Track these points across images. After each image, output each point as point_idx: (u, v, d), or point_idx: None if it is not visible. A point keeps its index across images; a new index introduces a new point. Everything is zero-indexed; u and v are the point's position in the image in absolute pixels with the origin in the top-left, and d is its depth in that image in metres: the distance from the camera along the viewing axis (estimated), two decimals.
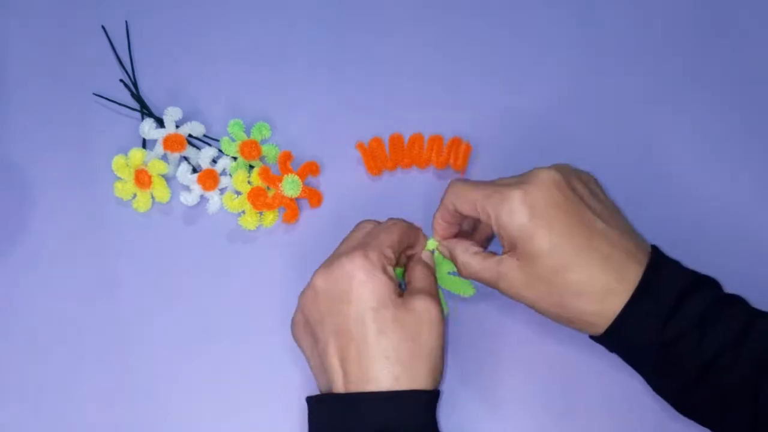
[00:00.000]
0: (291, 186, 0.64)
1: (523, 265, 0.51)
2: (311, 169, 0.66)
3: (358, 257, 0.51)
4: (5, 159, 0.68)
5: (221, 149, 0.66)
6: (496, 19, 0.72)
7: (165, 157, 0.66)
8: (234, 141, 0.66)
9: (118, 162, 0.65)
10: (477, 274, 0.55)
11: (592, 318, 0.51)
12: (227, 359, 0.62)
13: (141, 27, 0.72)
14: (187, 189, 0.66)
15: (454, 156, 0.66)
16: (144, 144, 0.67)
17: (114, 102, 0.69)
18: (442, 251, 0.59)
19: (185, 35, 0.72)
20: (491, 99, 0.69)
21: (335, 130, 0.68)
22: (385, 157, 0.67)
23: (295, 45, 0.71)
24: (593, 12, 0.72)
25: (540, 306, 0.53)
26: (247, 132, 0.67)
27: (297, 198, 0.65)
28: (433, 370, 0.51)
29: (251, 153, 0.65)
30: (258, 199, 0.64)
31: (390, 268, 0.52)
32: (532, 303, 0.53)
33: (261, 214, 0.65)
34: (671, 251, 0.55)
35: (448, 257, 0.58)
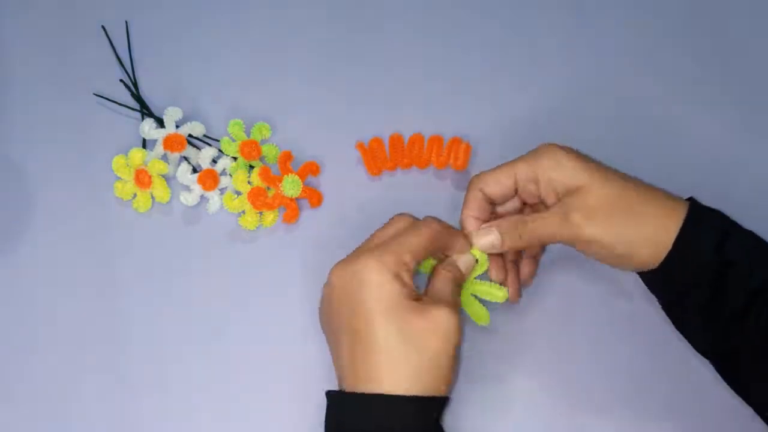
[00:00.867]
0: (291, 186, 0.64)
1: (582, 194, 0.53)
2: (311, 169, 0.66)
3: (371, 259, 0.51)
4: (5, 159, 0.68)
5: (221, 149, 0.66)
6: (496, 20, 0.72)
7: (165, 157, 0.66)
8: (234, 141, 0.66)
9: (118, 162, 0.65)
10: (540, 225, 0.55)
11: (662, 233, 0.52)
12: (227, 359, 0.62)
13: (141, 27, 0.72)
14: (187, 189, 0.66)
15: (454, 156, 0.66)
16: (144, 144, 0.67)
17: (114, 102, 0.69)
18: (482, 244, 0.56)
19: (185, 35, 0.72)
20: (491, 99, 0.69)
21: (335, 130, 0.68)
22: (385, 157, 0.67)
23: (295, 45, 0.71)
24: (593, 12, 0.72)
25: (605, 235, 0.53)
26: (247, 132, 0.67)
27: (297, 198, 0.65)
28: (440, 378, 0.50)
29: (251, 153, 0.65)
30: (258, 199, 0.64)
31: (406, 273, 0.51)
32: (604, 241, 0.53)
33: (261, 214, 0.65)
34: None
35: (492, 246, 0.56)
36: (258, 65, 0.71)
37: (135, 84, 0.70)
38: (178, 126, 0.67)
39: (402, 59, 0.71)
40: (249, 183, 0.65)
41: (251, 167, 0.66)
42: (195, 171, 0.66)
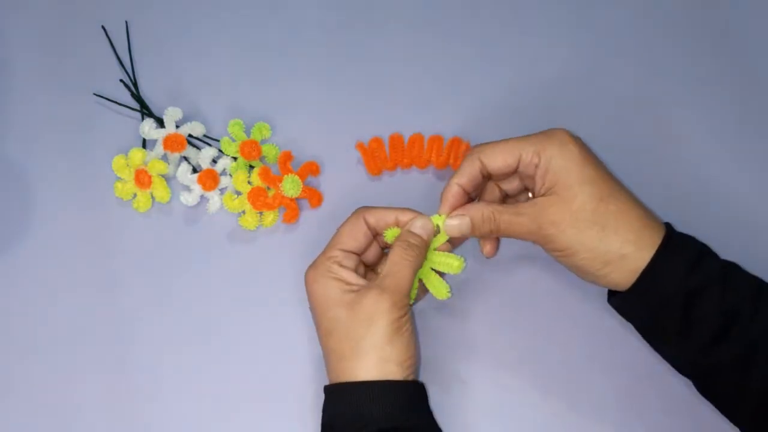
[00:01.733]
0: (291, 186, 0.64)
1: (566, 198, 0.53)
2: (311, 169, 0.66)
3: (308, 271, 0.56)
4: (6, 159, 0.68)
5: (221, 149, 0.66)
6: (496, 19, 0.72)
7: (165, 157, 0.66)
8: (234, 141, 0.66)
9: (118, 162, 0.65)
10: (513, 224, 0.55)
11: (631, 260, 0.52)
12: (227, 359, 0.62)
13: (141, 27, 0.72)
14: (187, 189, 0.66)
15: (454, 156, 0.66)
16: (144, 144, 0.67)
17: (114, 102, 0.69)
18: (450, 227, 0.56)
19: (185, 35, 0.72)
20: (491, 99, 0.69)
21: (335, 130, 0.68)
22: (385, 157, 0.67)
23: (295, 45, 0.71)
24: (593, 12, 0.72)
25: (578, 245, 0.53)
26: (247, 132, 0.67)
27: (297, 198, 0.65)
28: (383, 360, 0.52)
29: (251, 153, 0.65)
30: (258, 199, 0.64)
31: (336, 266, 0.55)
32: (573, 251, 0.53)
33: (261, 214, 0.65)
34: None
35: (460, 232, 0.56)
36: (258, 65, 0.71)
37: (135, 84, 0.70)
38: (178, 126, 0.67)
39: (402, 59, 0.71)
40: (249, 183, 0.65)
41: (251, 167, 0.66)
42: (195, 171, 0.66)
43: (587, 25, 0.72)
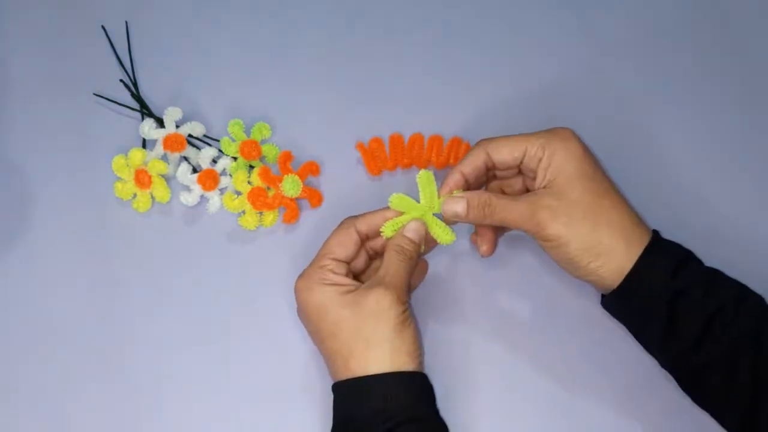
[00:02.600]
0: (291, 186, 0.64)
1: (563, 190, 0.54)
2: (311, 169, 0.66)
3: (299, 279, 0.57)
4: (5, 159, 0.68)
5: (221, 149, 0.66)
6: (496, 19, 0.72)
7: (165, 157, 0.66)
8: (234, 141, 0.66)
9: (118, 162, 0.65)
10: (508, 208, 0.55)
11: (617, 260, 0.54)
12: (227, 358, 0.62)
13: (141, 27, 0.72)
14: (187, 189, 0.66)
15: (454, 156, 0.66)
16: (144, 144, 0.67)
17: (114, 102, 0.69)
18: (447, 207, 0.56)
19: (185, 35, 0.72)
20: (491, 99, 0.69)
21: (335, 130, 0.68)
22: (385, 157, 0.67)
23: (295, 45, 0.71)
24: (593, 11, 0.72)
25: (570, 234, 0.54)
26: (247, 132, 0.67)
27: (297, 198, 0.65)
28: (395, 351, 0.53)
29: (251, 153, 0.65)
30: (258, 199, 0.64)
31: (330, 274, 0.56)
32: (564, 240, 0.54)
33: (261, 214, 0.65)
34: None
35: (454, 213, 0.56)
36: (258, 65, 0.71)
37: (135, 84, 0.70)
38: (178, 126, 0.67)
39: (402, 59, 0.71)
40: (249, 183, 0.65)
41: (251, 167, 0.66)
42: (195, 171, 0.66)
43: (589, 26, 0.71)
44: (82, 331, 0.63)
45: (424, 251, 0.59)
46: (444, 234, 0.58)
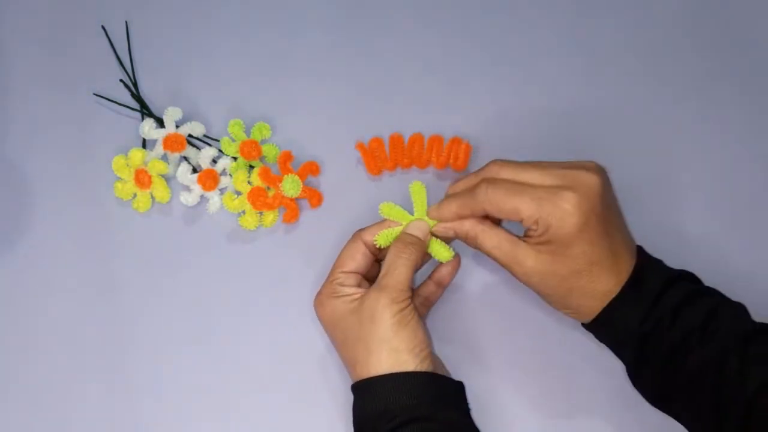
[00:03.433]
0: (291, 186, 0.64)
1: (545, 259, 0.53)
2: (311, 169, 0.66)
3: (315, 296, 0.58)
4: (5, 159, 0.68)
5: (221, 149, 0.66)
6: (496, 19, 0.72)
7: (165, 157, 0.66)
8: (234, 141, 0.66)
9: (118, 162, 0.65)
10: (494, 250, 0.55)
11: (586, 310, 0.55)
12: (227, 359, 0.62)
13: (141, 27, 0.72)
14: (187, 189, 0.66)
15: (454, 156, 0.66)
16: (144, 144, 0.67)
17: (114, 102, 0.69)
18: (439, 230, 0.57)
19: (185, 35, 0.72)
20: (491, 99, 0.69)
21: (335, 130, 0.68)
22: (385, 157, 0.67)
23: (296, 45, 0.71)
24: (594, 12, 0.72)
25: (544, 292, 0.55)
26: (247, 132, 0.67)
27: (297, 198, 0.65)
28: (393, 350, 0.53)
29: (251, 153, 0.65)
30: (258, 199, 0.64)
31: (339, 287, 0.57)
32: (537, 289, 0.55)
33: (261, 214, 0.65)
34: (669, 252, 0.55)
35: (444, 235, 0.57)
36: (258, 65, 0.71)
37: (135, 84, 0.70)
38: (178, 126, 0.67)
39: (402, 59, 0.71)
40: (249, 183, 0.65)
41: (251, 167, 0.66)
42: (195, 171, 0.66)
43: (589, 25, 0.71)
44: (81, 331, 0.63)
45: (419, 265, 0.58)
46: (443, 251, 0.58)
